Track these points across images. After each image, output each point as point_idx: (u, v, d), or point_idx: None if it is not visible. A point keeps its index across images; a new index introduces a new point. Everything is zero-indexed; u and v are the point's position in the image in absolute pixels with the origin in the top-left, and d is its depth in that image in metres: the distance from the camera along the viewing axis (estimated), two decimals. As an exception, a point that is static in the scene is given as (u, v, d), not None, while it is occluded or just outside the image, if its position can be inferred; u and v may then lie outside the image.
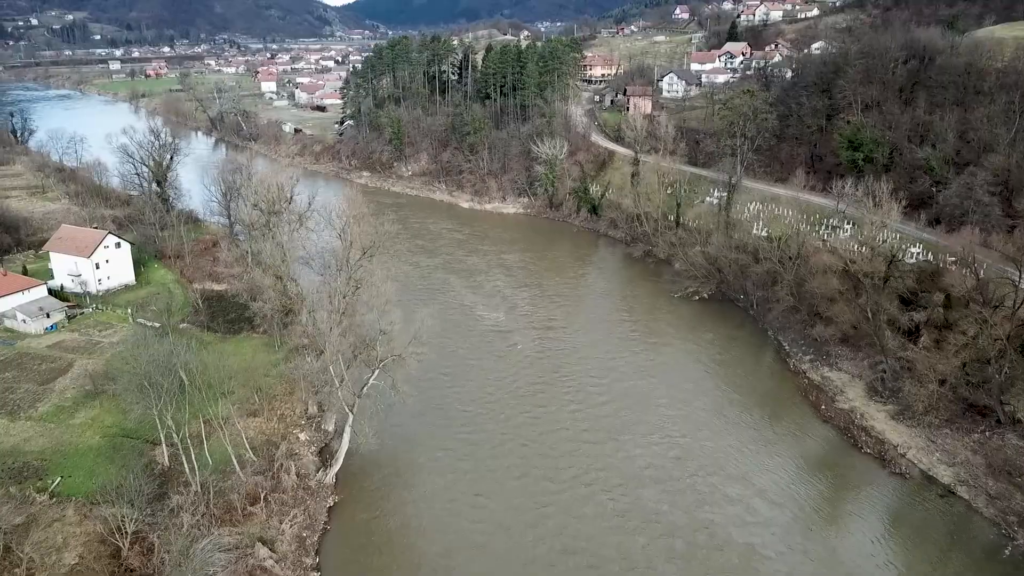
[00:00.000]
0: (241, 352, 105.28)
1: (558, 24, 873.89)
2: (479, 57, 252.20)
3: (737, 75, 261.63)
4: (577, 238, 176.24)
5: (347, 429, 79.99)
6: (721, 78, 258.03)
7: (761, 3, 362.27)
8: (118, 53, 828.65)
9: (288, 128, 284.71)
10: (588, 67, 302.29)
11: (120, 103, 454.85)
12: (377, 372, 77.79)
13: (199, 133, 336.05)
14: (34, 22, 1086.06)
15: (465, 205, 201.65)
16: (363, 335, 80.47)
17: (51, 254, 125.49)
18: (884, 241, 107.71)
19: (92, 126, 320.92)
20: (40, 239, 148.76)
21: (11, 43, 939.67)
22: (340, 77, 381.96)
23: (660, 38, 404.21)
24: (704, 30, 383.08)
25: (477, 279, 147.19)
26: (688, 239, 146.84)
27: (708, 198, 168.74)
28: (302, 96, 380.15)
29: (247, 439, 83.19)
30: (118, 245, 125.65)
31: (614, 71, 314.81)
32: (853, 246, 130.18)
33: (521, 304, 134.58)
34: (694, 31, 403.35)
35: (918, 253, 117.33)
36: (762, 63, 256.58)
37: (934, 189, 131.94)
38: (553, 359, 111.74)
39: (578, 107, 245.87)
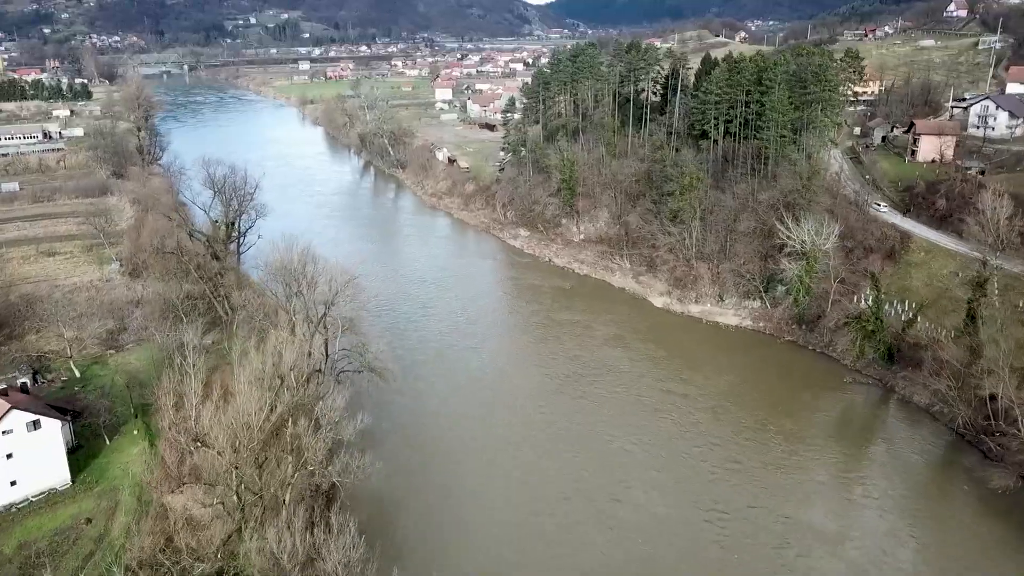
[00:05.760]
0: None
1: (770, 23, 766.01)
2: (692, 72, 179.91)
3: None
4: (852, 397, 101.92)
5: None
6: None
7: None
8: (316, 52, 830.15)
9: (441, 155, 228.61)
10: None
11: (290, 108, 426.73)
12: None
13: (351, 152, 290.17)
14: (252, 21, 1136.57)
15: (657, 302, 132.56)
16: None
17: (-67, 432, 73.13)
18: None
19: (233, 140, 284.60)
20: (20, 348, 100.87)
21: (228, 41, 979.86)
22: (525, 84, 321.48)
23: (928, 43, 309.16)
24: (994, 33, 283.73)
25: (659, 502, 78.86)
26: None
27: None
28: (474, 108, 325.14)
29: None
30: (35, 425, 70.82)
31: (876, 89, 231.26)
32: None
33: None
34: (976, 33, 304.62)
35: None
36: None
37: None
38: None
39: (835, 148, 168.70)
